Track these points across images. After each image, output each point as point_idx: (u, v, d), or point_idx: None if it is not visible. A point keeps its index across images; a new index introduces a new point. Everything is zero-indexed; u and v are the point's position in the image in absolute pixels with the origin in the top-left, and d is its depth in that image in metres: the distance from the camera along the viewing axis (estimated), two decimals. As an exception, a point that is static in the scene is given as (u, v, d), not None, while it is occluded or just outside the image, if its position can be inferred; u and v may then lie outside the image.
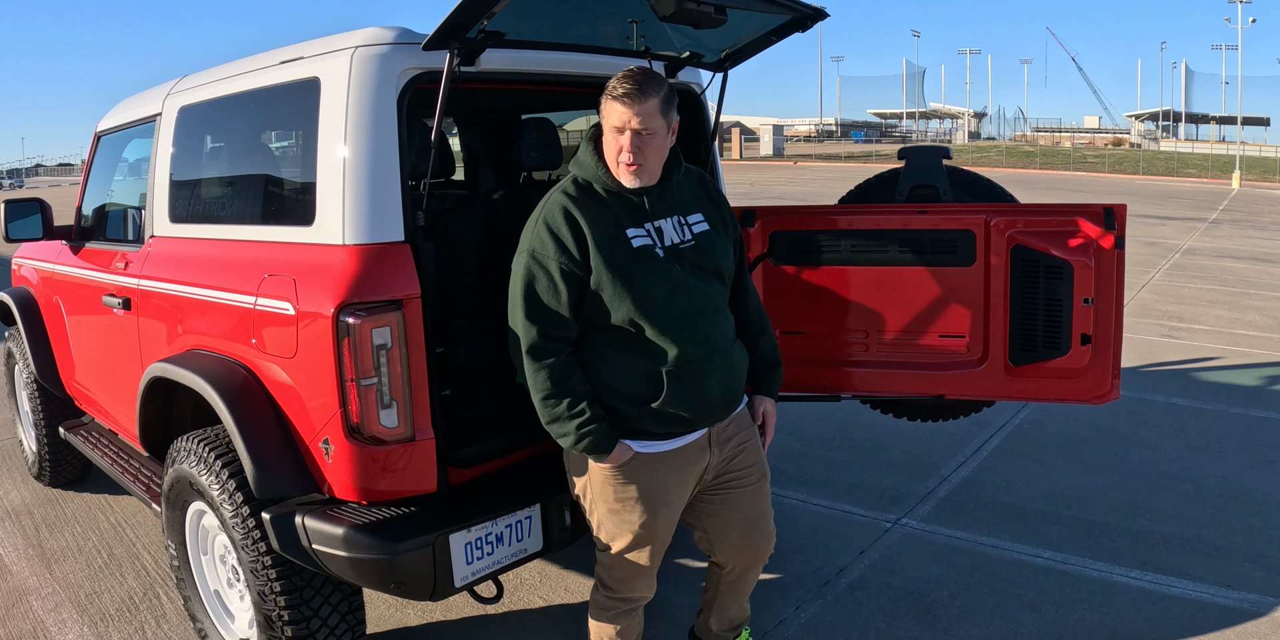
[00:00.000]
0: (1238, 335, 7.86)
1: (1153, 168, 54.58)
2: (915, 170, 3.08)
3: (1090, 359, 2.86)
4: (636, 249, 2.13)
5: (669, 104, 2.10)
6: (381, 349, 2.18)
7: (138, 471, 3.37)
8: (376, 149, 2.26)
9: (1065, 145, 72.49)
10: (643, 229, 2.16)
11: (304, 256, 2.36)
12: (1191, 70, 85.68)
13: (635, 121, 2.05)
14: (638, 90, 2.03)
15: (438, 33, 2.16)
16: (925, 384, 2.98)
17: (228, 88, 2.83)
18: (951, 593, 3.32)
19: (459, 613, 3.26)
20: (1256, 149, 63.60)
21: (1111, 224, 2.80)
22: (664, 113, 2.09)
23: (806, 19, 2.60)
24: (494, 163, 4.41)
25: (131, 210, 3.38)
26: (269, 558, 2.39)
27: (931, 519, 3.97)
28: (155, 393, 2.88)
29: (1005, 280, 2.89)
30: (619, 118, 2.06)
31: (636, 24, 2.66)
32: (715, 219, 2.31)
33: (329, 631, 2.51)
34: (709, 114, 3.15)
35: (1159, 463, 4.64)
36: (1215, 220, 20.97)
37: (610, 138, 2.11)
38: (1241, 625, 3.07)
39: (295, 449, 2.38)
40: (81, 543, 3.90)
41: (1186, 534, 3.79)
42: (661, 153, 2.14)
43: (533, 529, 2.46)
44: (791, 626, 3.10)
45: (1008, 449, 4.86)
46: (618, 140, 2.09)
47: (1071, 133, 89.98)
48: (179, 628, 3.15)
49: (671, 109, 2.11)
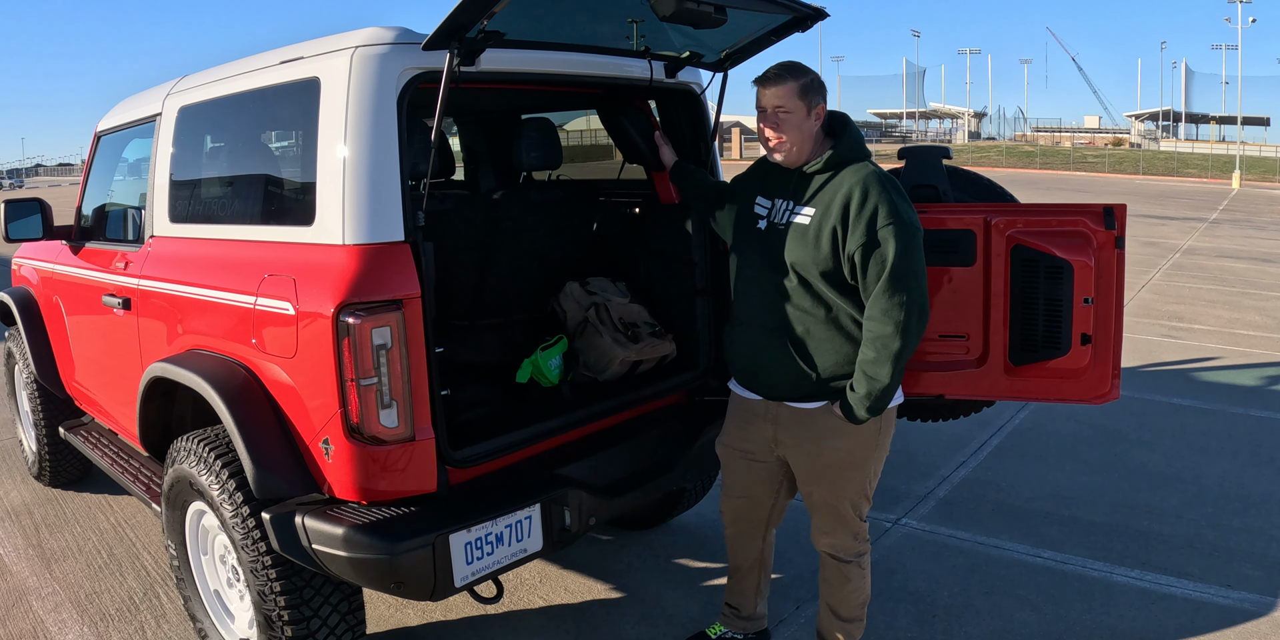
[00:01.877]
0: (1238, 335, 7.86)
1: (1153, 168, 54.59)
2: (915, 170, 3.07)
3: (1090, 359, 2.85)
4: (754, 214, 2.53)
5: (808, 90, 2.36)
6: (381, 349, 2.18)
7: (138, 471, 3.37)
8: (376, 149, 2.26)
9: (1065, 145, 72.48)
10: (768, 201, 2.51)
11: (304, 256, 2.36)
12: (1191, 70, 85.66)
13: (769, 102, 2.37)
14: (772, 75, 2.36)
15: (438, 33, 2.15)
16: (925, 384, 2.98)
17: (228, 88, 2.83)
18: (951, 593, 3.32)
19: (459, 613, 3.26)
20: (1256, 149, 63.56)
21: (1111, 224, 2.80)
22: (801, 95, 2.36)
23: (806, 19, 2.59)
24: (494, 163, 4.41)
25: (131, 210, 3.38)
26: (269, 558, 2.39)
27: (931, 519, 3.97)
28: (155, 393, 2.88)
29: (1005, 280, 2.89)
30: (758, 100, 2.40)
31: (636, 24, 2.66)
32: (823, 222, 2.34)
33: (329, 631, 2.51)
34: (709, 114, 3.15)
35: (1159, 463, 4.64)
36: (1215, 220, 20.97)
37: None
38: (1241, 625, 3.07)
39: (295, 449, 2.38)
40: (81, 543, 3.90)
41: (1186, 534, 3.79)
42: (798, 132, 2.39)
43: (533, 529, 2.46)
44: (791, 626, 3.10)
45: (1008, 449, 4.86)
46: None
47: (1071, 133, 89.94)
48: (179, 628, 3.15)
49: (812, 93, 2.37)
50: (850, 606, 2.67)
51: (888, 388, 2.32)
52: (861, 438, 2.47)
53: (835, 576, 2.65)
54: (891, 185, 2.33)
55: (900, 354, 2.28)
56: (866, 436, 2.47)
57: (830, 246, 2.32)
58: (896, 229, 2.26)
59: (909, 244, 2.27)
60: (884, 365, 2.29)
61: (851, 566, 2.62)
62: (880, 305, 2.28)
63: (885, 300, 2.27)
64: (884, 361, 2.29)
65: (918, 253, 2.31)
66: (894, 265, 2.25)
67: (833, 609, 2.68)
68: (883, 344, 2.28)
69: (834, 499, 2.55)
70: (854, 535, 2.61)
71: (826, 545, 2.63)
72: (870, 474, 2.55)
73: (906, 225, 2.28)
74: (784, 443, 2.56)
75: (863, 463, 2.51)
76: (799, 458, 2.55)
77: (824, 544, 2.64)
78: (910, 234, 2.28)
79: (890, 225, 2.26)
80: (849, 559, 2.62)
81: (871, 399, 2.33)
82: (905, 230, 2.27)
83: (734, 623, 2.92)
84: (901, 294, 2.26)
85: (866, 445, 2.49)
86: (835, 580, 2.65)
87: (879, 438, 2.50)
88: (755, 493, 2.72)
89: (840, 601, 2.66)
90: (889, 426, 2.52)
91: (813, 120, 2.39)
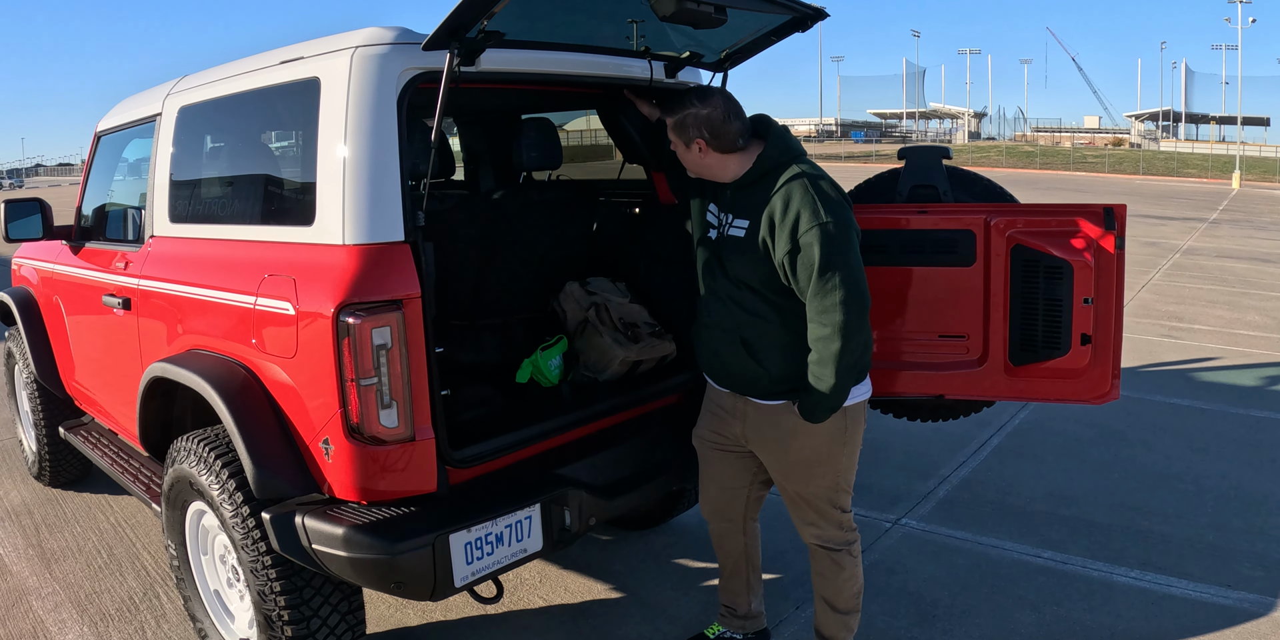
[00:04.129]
0: (1238, 335, 7.86)
1: (1153, 168, 54.58)
2: (915, 170, 3.07)
3: (1090, 359, 2.85)
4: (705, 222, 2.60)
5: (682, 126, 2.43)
6: (381, 349, 2.18)
7: (138, 471, 3.37)
8: (376, 149, 2.26)
9: (1065, 145, 72.48)
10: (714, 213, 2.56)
11: (304, 256, 2.36)
12: (1191, 70, 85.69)
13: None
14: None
15: (438, 33, 2.15)
16: (925, 384, 2.98)
17: (228, 88, 2.83)
18: (951, 593, 3.32)
19: (459, 613, 3.26)
20: (1256, 149, 63.58)
21: (1111, 224, 2.80)
22: (675, 131, 2.44)
23: (806, 19, 2.59)
24: (494, 163, 4.41)
25: (131, 210, 3.38)
26: (269, 558, 2.39)
27: (931, 519, 3.97)
28: (155, 393, 2.88)
29: (1005, 280, 2.89)
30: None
31: (636, 24, 2.66)
32: (754, 234, 2.38)
33: (329, 631, 2.51)
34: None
35: (1159, 463, 4.64)
36: (1215, 220, 20.97)
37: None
38: (1241, 625, 3.07)
39: (295, 449, 2.38)
40: (81, 543, 3.90)
41: (1186, 534, 3.79)
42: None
43: (533, 529, 2.46)
44: (792, 626, 3.10)
45: (1008, 449, 4.86)
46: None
47: (1071, 133, 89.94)
48: (179, 628, 3.15)
49: (686, 129, 2.43)
50: (846, 597, 2.67)
51: (836, 387, 2.31)
52: (825, 435, 2.48)
53: (828, 567, 2.65)
54: (815, 186, 2.32)
55: (842, 353, 2.27)
56: (831, 434, 2.48)
57: (765, 256, 2.35)
58: (819, 232, 2.25)
59: (833, 245, 2.25)
60: (828, 366, 2.29)
61: (843, 554, 2.63)
62: (815, 307, 2.28)
63: (819, 301, 2.27)
64: (827, 362, 2.29)
65: (846, 251, 2.28)
66: (820, 267, 2.25)
67: (829, 602, 2.69)
68: (824, 345, 2.28)
69: (808, 494, 2.58)
70: (838, 525, 2.63)
71: (813, 536, 2.65)
72: (841, 468, 2.55)
73: (827, 226, 2.25)
74: (751, 440, 2.60)
75: (830, 458, 2.52)
76: (767, 455, 2.60)
77: (810, 535, 2.65)
78: (834, 234, 2.25)
79: (812, 228, 2.25)
80: (838, 547, 2.63)
81: (823, 399, 2.34)
82: (827, 232, 2.25)
83: (731, 622, 2.93)
84: (833, 294, 2.25)
85: (832, 442, 2.50)
86: (828, 571, 2.66)
87: (845, 435, 2.51)
88: (730, 482, 2.76)
89: (835, 593, 2.67)
90: (856, 422, 2.53)
91: (696, 153, 2.44)
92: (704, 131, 2.40)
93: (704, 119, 2.39)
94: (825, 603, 2.70)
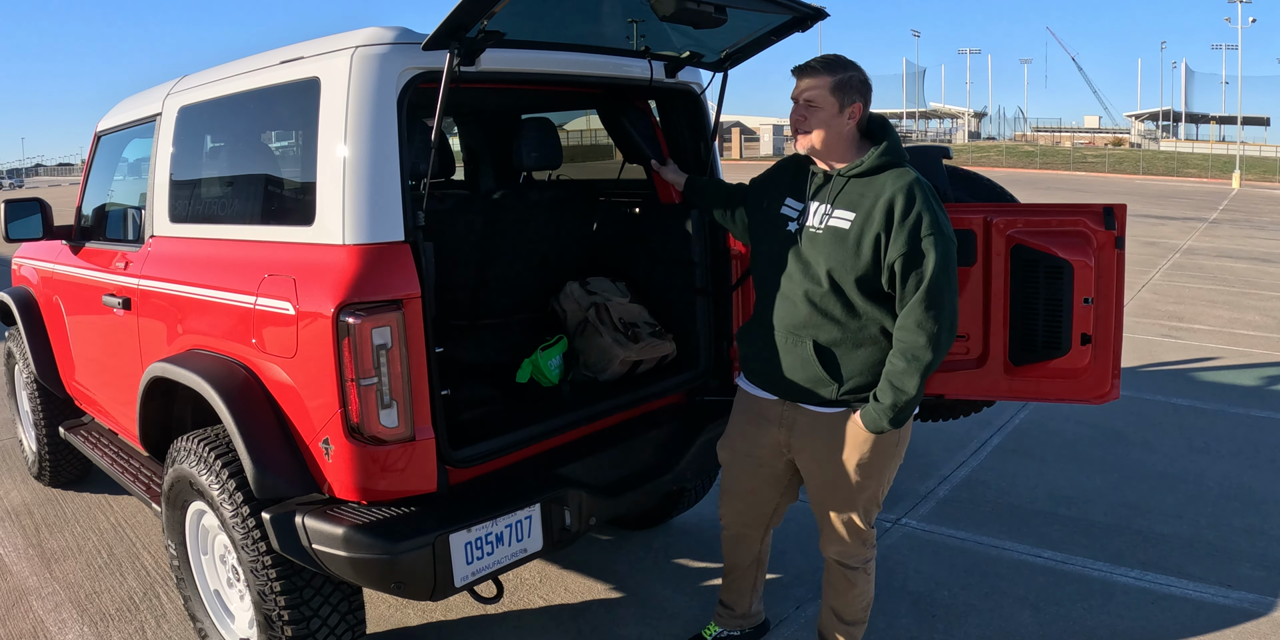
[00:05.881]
0: (1238, 335, 7.86)
1: (1153, 168, 54.58)
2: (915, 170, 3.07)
3: (1090, 359, 2.86)
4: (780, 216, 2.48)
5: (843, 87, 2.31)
6: (381, 349, 2.18)
7: (138, 471, 3.37)
8: (376, 149, 2.26)
9: (1065, 145, 72.46)
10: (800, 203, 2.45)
11: (304, 256, 2.36)
12: (1191, 70, 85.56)
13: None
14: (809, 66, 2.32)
15: (438, 33, 2.15)
16: (925, 384, 2.98)
17: (228, 88, 2.83)
18: (951, 593, 3.32)
19: (459, 613, 3.26)
20: (1256, 149, 63.54)
21: (1111, 224, 2.80)
22: (834, 91, 2.30)
23: (806, 19, 2.59)
24: (494, 163, 4.41)
25: (131, 210, 3.38)
26: (269, 557, 2.39)
27: (931, 519, 3.97)
28: (155, 393, 2.88)
29: (1005, 280, 2.89)
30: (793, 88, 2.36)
31: (636, 24, 2.66)
32: (862, 227, 2.28)
33: (329, 631, 2.51)
34: (709, 114, 3.15)
35: (1159, 463, 4.64)
36: (1215, 220, 20.97)
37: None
38: (1241, 625, 3.07)
39: (295, 449, 2.38)
40: (81, 543, 3.90)
41: (1186, 534, 3.79)
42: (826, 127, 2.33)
43: (533, 529, 2.46)
44: (791, 626, 3.10)
45: (1008, 449, 4.86)
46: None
47: (1071, 133, 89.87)
48: (179, 628, 3.15)
49: (848, 91, 2.31)
50: (854, 610, 2.66)
51: (913, 400, 2.29)
52: (881, 447, 2.42)
53: (840, 582, 2.63)
54: (933, 195, 2.29)
55: (930, 366, 2.26)
56: (885, 446, 2.43)
57: (871, 253, 2.27)
58: (938, 240, 2.23)
59: (948, 257, 2.25)
60: (913, 377, 2.27)
61: (858, 573, 2.61)
62: (915, 316, 2.24)
63: (920, 312, 2.23)
64: (913, 373, 2.26)
65: (954, 266, 2.28)
66: (933, 277, 2.22)
67: (836, 612, 2.67)
68: (914, 355, 2.25)
69: (848, 507, 2.52)
70: (863, 542, 2.59)
71: (835, 552, 2.61)
72: (884, 480, 2.51)
73: (947, 238, 2.25)
74: (797, 449, 2.52)
75: (877, 471, 2.46)
76: (812, 466, 2.52)
77: (832, 551, 2.61)
78: (950, 247, 2.26)
79: (932, 236, 2.22)
80: (856, 565, 2.60)
81: (896, 410, 2.30)
82: (946, 243, 2.25)
83: (729, 621, 2.92)
84: (937, 307, 2.23)
85: (885, 455, 2.45)
86: (840, 585, 2.64)
87: (897, 448, 2.47)
88: (759, 496, 2.69)
89: (845, 605, 2.65)
90: (906, 435, 2.49)
91: (845, 119, 2.32)
92: (865, 96, 2.33)
93: (867, 84, 2.33)
94: (833, 611, 2.68)
